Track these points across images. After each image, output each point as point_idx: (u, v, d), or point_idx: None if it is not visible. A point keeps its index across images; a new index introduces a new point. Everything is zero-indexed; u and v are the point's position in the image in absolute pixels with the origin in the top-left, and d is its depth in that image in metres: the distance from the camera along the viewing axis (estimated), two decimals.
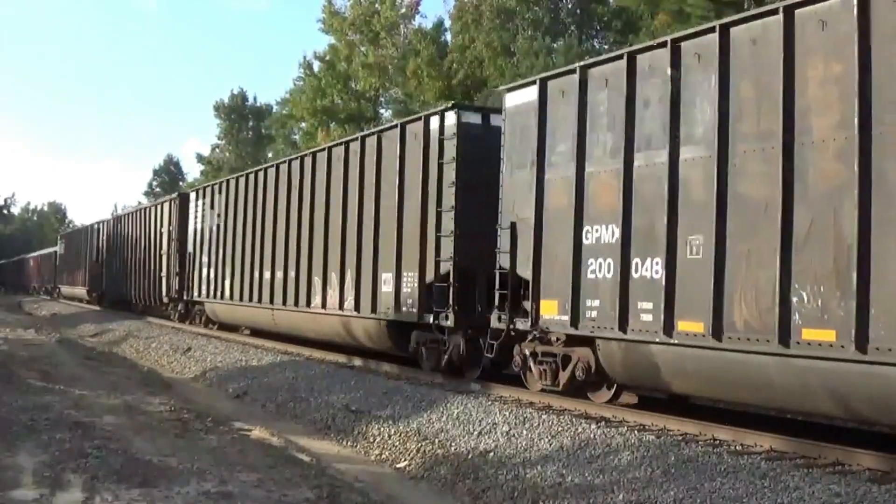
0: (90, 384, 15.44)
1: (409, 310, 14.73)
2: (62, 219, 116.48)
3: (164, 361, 21.92)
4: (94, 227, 43.83)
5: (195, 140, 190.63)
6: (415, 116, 15.82)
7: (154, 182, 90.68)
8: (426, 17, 59.79)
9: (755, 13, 9.28)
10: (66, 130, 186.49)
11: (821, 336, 8.26)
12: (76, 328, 33.32)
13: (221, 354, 20.73)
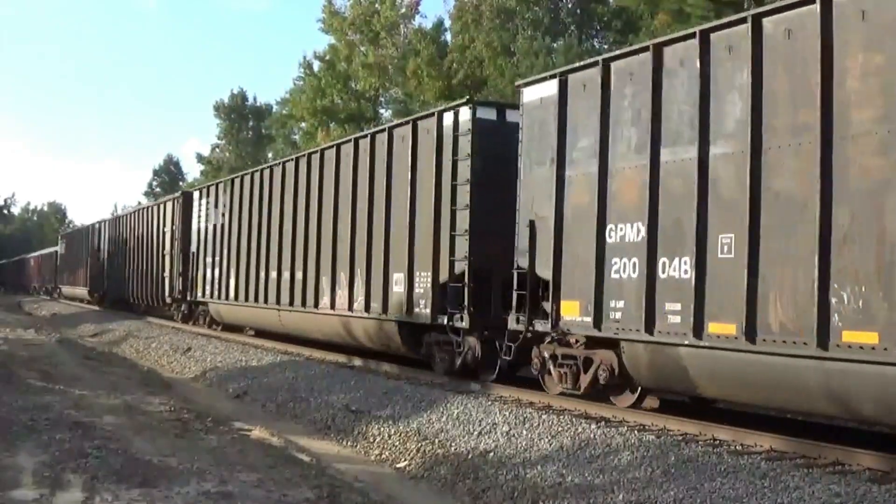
0: (90, 384, 15.42)
1: (422, 311, 14.40)
2: (62, 219, 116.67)
3: (164, 361, 21.93)
4: (96, 227, 43.71)
5: (195, 140, 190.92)
6: (427, 112, 15.48)
7: (154, 182, 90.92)
8: (426, 17, 59.85)
9: (790, 3, 8.88)
10: (66, 130, 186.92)
11: (862, 338, 7.94)
12: (76, 328, 33.39)
13: (221, 354, 20.73)
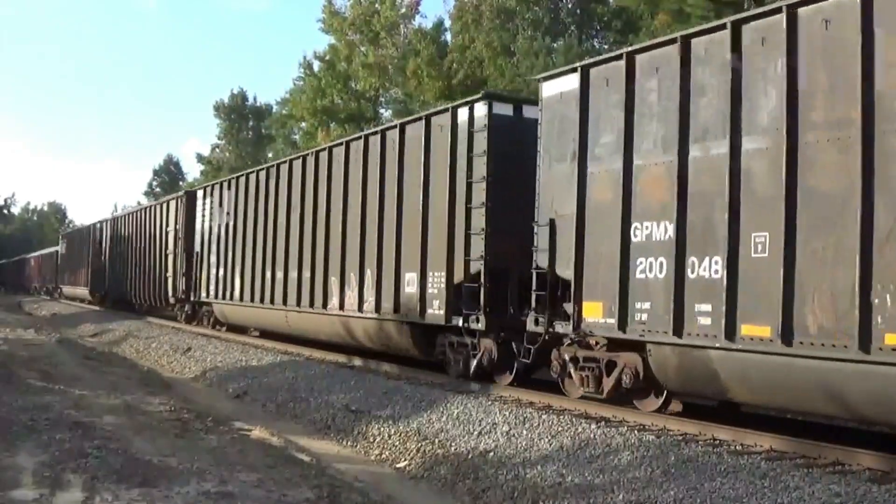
0: (90, 384, 15.40)
1: (436, 312, 14.00)
2: (62, 219, 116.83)
3: (164, 361, 21.93)
4: (97, 227, 43.48)
5: (195, 140, 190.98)
6: (441, 108, 15.11)
7: (154, 182, 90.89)
8: (426, 17, 59.84)
9: None
10: (66, 130, 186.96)
11: None
12: (76, 328, 33.38)
13: (221, 354, 20.74)
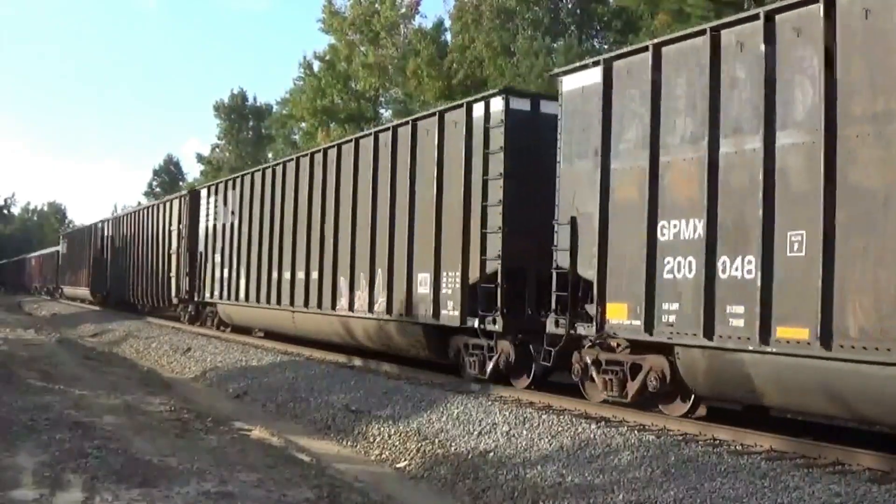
0: (90, 384, 15.40)
1: (450, 313, 13.71)
2: (62, 219, 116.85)
3: (164, 361, 21.93)
4: (98, 226, 43.32)
5: (195, 140, 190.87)
6: (455, 104, 14.78)
7: (154, 182, 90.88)
8: (426, 17, 60.01)
9: None
10: (66, 130, 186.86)
11: None
12: (76, 328, 33.48)
13: (221, 354, 20.75)
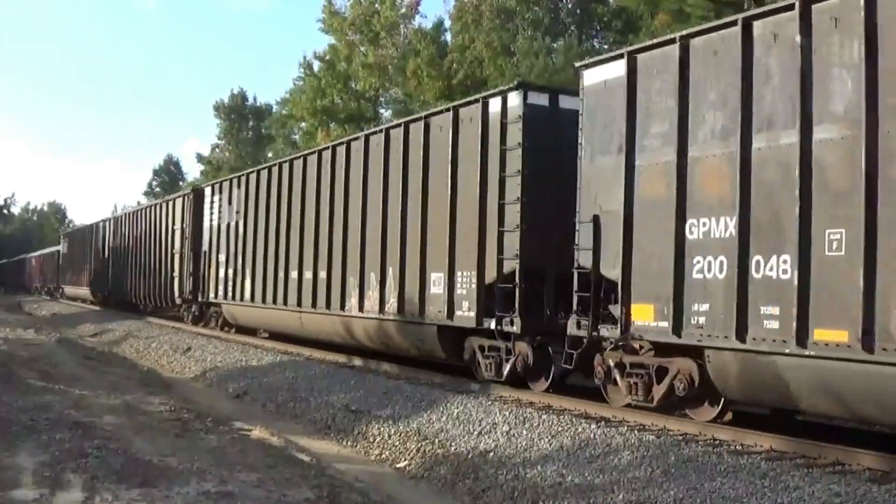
0: (90, 384, 15.43)
1: (465, 314, 13.29)
2: (62, 219, 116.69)
3: (164, 361, 21.93)
4: (99, 226, 42.72)
5: (195, 140, 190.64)
6: (470, 99, 14.30)
7: (154, 182, 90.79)
8: (426, 17, 59.62)
9: None
10: (66, 130, 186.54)
11: None
12: (76, 328, 33.28)
13: (221, 354, 20.74)
